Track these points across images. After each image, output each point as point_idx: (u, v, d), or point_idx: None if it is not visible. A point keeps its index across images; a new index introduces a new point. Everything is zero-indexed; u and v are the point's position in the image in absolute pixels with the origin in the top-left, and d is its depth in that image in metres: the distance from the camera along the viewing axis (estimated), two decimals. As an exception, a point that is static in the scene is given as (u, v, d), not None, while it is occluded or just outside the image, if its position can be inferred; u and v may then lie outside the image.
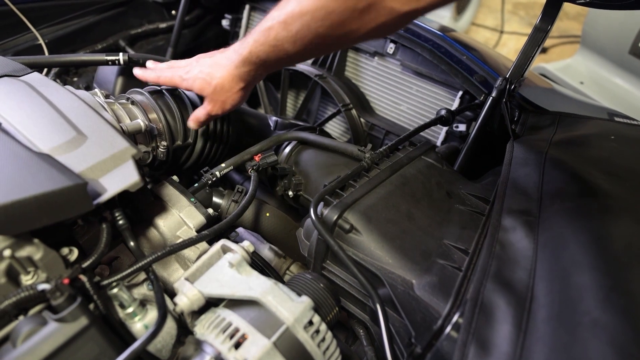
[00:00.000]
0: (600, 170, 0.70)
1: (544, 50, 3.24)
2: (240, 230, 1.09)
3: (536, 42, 0.97)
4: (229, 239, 0.93)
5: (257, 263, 0.87)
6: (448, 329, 0.57)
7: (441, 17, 3.02)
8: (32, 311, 0.58)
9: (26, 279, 0.59)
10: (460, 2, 3.20)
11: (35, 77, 0.89)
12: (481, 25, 3.78)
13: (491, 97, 0.98)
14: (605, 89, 1.91)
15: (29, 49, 1.50)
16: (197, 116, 0.89)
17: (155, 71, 0.91)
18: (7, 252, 0.56)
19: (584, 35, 2.07)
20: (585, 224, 0.60)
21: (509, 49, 3.46)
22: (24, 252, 0.59)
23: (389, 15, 0.61)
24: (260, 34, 0.74)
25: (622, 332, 0.47)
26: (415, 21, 1.24)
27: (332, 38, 0.67)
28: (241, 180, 1.29)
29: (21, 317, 0.58)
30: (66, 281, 0.56)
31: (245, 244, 0.68)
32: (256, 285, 0.60)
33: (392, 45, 1.29)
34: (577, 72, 2.01)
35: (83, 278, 0.60)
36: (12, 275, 0.58)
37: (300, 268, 1.11)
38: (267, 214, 0.92)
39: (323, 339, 0.59)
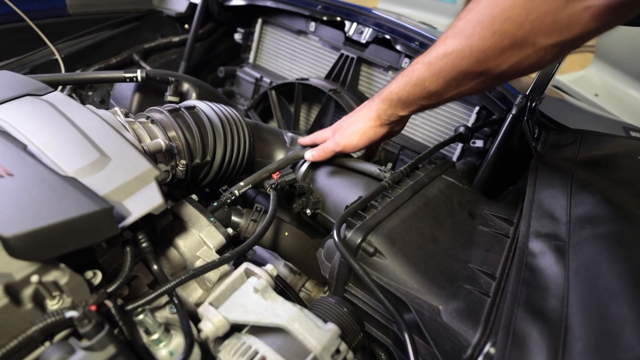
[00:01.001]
0: (631, 194, 0.69)
1: (556, 61, 3.22)
2: (255, 247, 1.08)
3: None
4: (245, 256, 0.92)
5: (277, 285, 0.87)
6: (480, 358, 0.56)
7: (450, 28, 3.01)
8: (57, 337, 0.58)
9: (52, 304, 0.59)
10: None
11: (57, 96, 0.89)
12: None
13: (511, 114, 0.97)
14: (620, 101, 1.90)
15: (46, 64, 1.52)
16: (324, 150, 0.97)
17: (322, 152, 0.98)
18: (34, 278, 0.56)
19: (598, 46, 2.06)
20: (620, 251, 0.59)
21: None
22: (50, 277, 0.58)
23: (531, 49, 0.63)
24: (402, 76, 0.82)
25: None
26: (431, 36, 1.24)
27: (473, 74, 0.70)
28: (254, 194, 1.28)
29: (47, 344, 0.58)
30: (93, 308, 0.56)
31: (269, 267, 0.67)
32: (282, 312, 0.60)
33: (407, 60, 1.29)
34: (591, 84, 2.00)
35: (109, 304, 0.59)
36: (38, 300, 0.58)
37: (316, 285, 1.10)
38: (286, 233, 0.91)
39: (350, 367, 0.59)
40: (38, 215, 0.57)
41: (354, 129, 0.92)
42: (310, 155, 0.98)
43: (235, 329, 0.64)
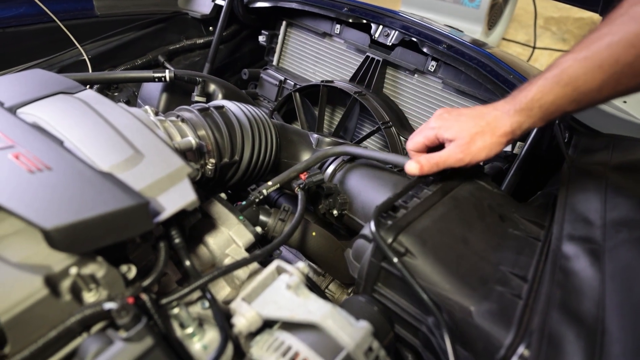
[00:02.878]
0: None
1: (577, 66, 3.18)
2: (282, 248, 1.09)
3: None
4: (271, 256, 0.93)
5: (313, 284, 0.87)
6: (514, 359, 0.55)
7: (473, 32, 3.00)
8: (94, 328, 0.59)
9: (88, 296, 0.60)
10: (491, 17, 3.18)
11: (89, 94, 0.91)
12: (512, 41, 3.75)
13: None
14: (649, 108, 1.86)
15: (74, 64, 1.55)
16: (436, 162, 0.80)
17: (435, 167, 0.81)
18: (73, 270, 0.57)
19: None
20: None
21: (540, 65, 3.42)
22: (88, 270, 0.59)
23: None
24: (544, 79, 0.71)
25: None
26: (460, 39, 1.23)
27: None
28: (277, 195, 1.29)
29: (84, 335, 0.59)
30: (131, 300, 0.57)
31: (300, 265, 0.67)
32: (315, 309, 0.60)
33: (433, 63, 1.29)
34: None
35: (144, 297, 0.60)
36: (76, 292, 0.59)
37: (339, 287, 1.10)
38: (314, 234, 0.91)
39: (383, 366, 0.58)
40: (77, 208, 0.58)
41: (482, 144, 0.76)
42: (415, 167, 0.81)
43: (267, 325, 0.65)
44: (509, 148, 1.11)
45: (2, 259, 0.58)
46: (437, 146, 0.83)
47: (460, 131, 0.77)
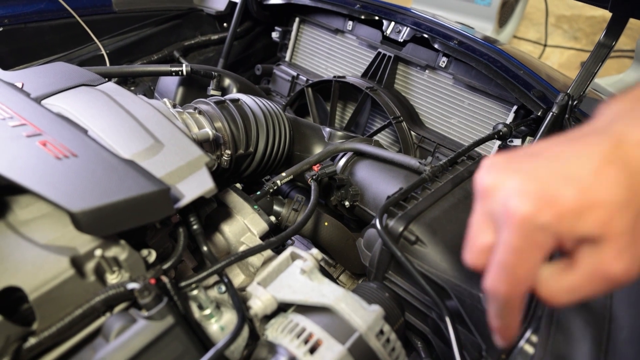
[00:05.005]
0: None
1: (590, 65, 3.17)
2: (295, 237, 1.11)
3: (599, 58, 0.96)
4: (284, 245, 0.95)
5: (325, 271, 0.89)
6: (521, 343, 0.57)
7: (484, 30, 3.00)
8: (117, 308, 0.62)
9: (111, 278, 0.63)
10: (503, 15, 3.18)
11: (110, 87, 0.94)
12: (523, 39, 3.73)
13: (552, 113, 0.97)
14: (660, 106, 1.85)
15: (92, 58, 1.58)
16: (606, 274, 0.36)
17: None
18: (98, 252, 0.60)
19: (638, 49, 2.03)
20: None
21: (552, 63, 3.41)
22: (111, 252, 0.62)
23: None
24: None
25: None
26: (471, 35, 1.24)
27: None
28: (288, 189, 1.31)
29: (108, 314, 0.61)
30: (153, 281, 0.59)
31: (314, 251, 0.69)
32: (329, 292, 0.62)
33: (444, 58, 1.30)
34: (629, 87, 1.96)
35: (165, 279, 0.63)
36: (99, 274, 0.62)
37: (350, 278, 1.12)
38: (326, 224, 0.94)
39: (393, 349, 0.60)
40: (102, 193, 0.61)
41: None
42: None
43: (281, 310, 0.67)
44: (518, 142, 1.12)
45: (30, 241, 0.61)
46: None
47: (616, 213, 0.35)
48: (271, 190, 0.92)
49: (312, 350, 0.57)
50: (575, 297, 0.38)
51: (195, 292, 0.63)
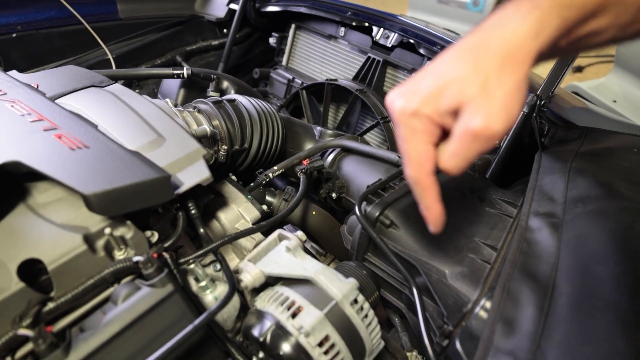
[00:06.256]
0: (621, 179, 0.77)
1: (580, 69, 3.26)
2: (287, 227, 1.19)
3: (566, 60, 1.04)
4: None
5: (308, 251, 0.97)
6: (477, 309, 0.65)
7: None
8: (124, 280, 0.70)
9: (119, 254, 0.71)
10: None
11: (117, 88, 1.03)
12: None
13: (522, 112, 1.06)
14: (637, 107, 1.94)
15: (99, 63, 1.68)
16: (471, 131, 0.45)
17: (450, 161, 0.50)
18: (107, 230, 0.68)
19: (618, 54, 2.11)
20: (605, 224, 0.67)
21: (544, 68, 3.48)
22: (119, 231, 0.71)
23: None
24: None
25: (629, 311, 0.54)
26: (452, 41, 1.33)
27: None
28: (283, 186, 1.40)
29: (116, 285, 0.70)
30: (155, 255, 0.68)
31: (299, 233, 0.78)
32: (310, 267, 0.70)
33: (429, 62, 1.39)
34: (610, 90, 2.05)
35: (166, 255, 0.71)
36: (108, 250, 0.70)
37: (339, 267, 1.20)
38: (314, 213, 1.02)
39: (366, 316, 0.69)
40: (111, 178, 0.69)
41: (508, 87, 0.44)
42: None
43: (269, 284, 0.75)
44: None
45: (48, 221, 0.70)
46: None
47: (463, 86, 0.45)
48: (264, 182, 1.00)
49: (294, 316, 0.65)
50: (460, 160, 0.48)
51: (192, 266, 0.71)
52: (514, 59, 0.44)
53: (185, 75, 1.27)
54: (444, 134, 0.50)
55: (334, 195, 1.06)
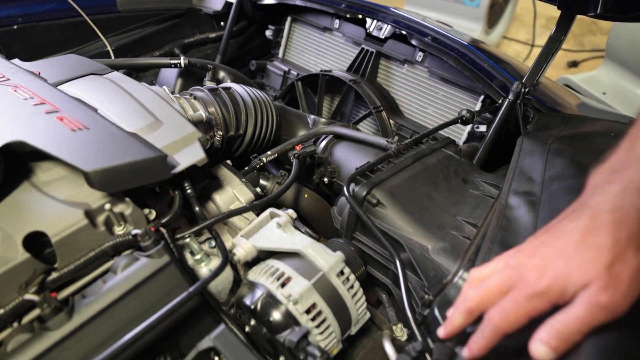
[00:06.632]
0: (595, 159, 0.81)
1: (575, 64, 3.29)
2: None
3: (550, 50, 1.08)
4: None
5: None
6: (455, 279, 0.69)
7: (472, 30, 3.13)
8: (123, 254, 0.74)
9: (118, 230, 0.75)
10: (492, 16, 3.31)
11: (116, 75, 1.07)
12: (513, 39, 3.85)
13: (508, 100, 1.09)
14: (626, 99, 1.98)
15: (99, 54, 1.71)
16: (575, 329, 0.47)
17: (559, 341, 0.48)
18: (107, 206, 0.72)
19: (608, 48, 2.15)
20: (576, 198, 0.71)
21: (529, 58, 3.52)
22: (118, 208, 0.74)
23: None
24: None
25: None
26: (444, 32, 1.37)
27: None
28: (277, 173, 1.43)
29: (116, 258, 0.74)
30: (152, 229, 0.72)
31: (290, 211, 0.82)
32: (299, 241, 0.74)
33: (420, 53, 1.42)
34: (600, 83, 2.09)
35: (163, 230, 0.75)
36: (109, 226, 0.74)
37: (332, 251, 1.24)
38: (306, 195, 1.06)
39: (352, 286, 0.73)
40: (111, 157, 0.73)
41: (628, 269, 0.47)
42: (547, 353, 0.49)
43: (261, 259, 0.79)
44: (484, 128, 1.25)
45: (51, 197, 0.74)
46: None
47: (586, 272, 0.47)
48: (258, 166, 1.04)
49: (283, 285, 0.69)
50: (582, 326, 0.47)
51: (187, 240, 0.75)
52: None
53: (182, 65, 1.30)
54: None
55: (325, 179, 1.10)
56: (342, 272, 0.72)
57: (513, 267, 0.53)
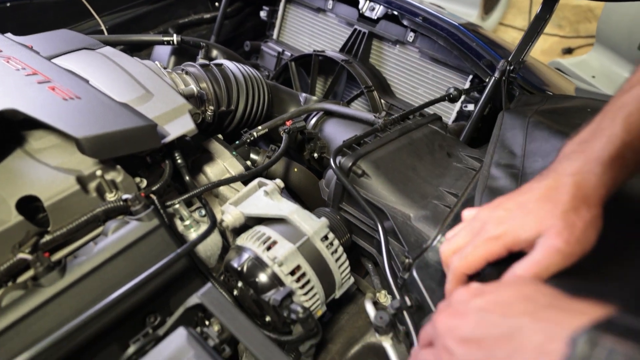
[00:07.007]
0: (572, 131, 0.83)
1: (570, 51, 3.31)
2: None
3: (535, 29, 1.10)
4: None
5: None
6: (434, 243, 0.72)
7: (468, 16, 3.13)
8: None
9: (110, 197, 0.77)
10: (488, 2, 3.31)
11: (108, 50, 1.08)
12: (509, 26, 3.86)
13: (494, 77, 1.12)
14: (614, 83, 2.00)
15: (92, 34, 1.70)
16: (534, 272, 0.52)
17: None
18: (98, 172, 0.74)
19: (598, 32, 2.16)
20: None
21: (535, 49, 3.52)
22: (110, 175, 0.77)
23: None
24: (629, 114, 0.54)
25: None
26: (434, 12, 1.38)
27: None
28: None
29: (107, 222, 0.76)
30: (142, 194, 0.74)
31: (277, 180, 0.84)
32: (285, 207, 0.77)
33: (412, 34, 1.44)
34: (589, 67, 2.11)
35: (153, 196, 0.77)
36: (100, 192, 0.76)
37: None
38: (295, 170, 1.08)
39: (336, 251, 0.75)
40: (102, 125, 0.75)
41: (583, 223, 0.52)
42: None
43: (249, 227, 0.82)
44: (472, 107, 1.27)
45: (44, 164, 0.76)
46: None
47: (542, 220, 0.52)
48: (248, 140, 1.06)
49: (269, 249, 0.72)
50: (539, 268, 0.52)
51: (177, 205, 0.77)
52: (597, 214, 0.52)
53: (175, 42, 1.32)
54: None
55: (315, 155, 1.12)
56: (326, 237, 0.75)
57: (477, 219, 0.60)
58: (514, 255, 0.54)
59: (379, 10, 1.52)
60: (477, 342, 0.44)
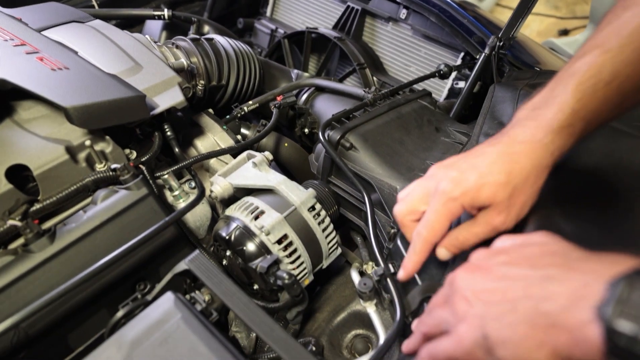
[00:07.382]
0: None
1: (566, 33, 3.29)
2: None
3: (525, 4, 1.10)
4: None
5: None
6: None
7: (464, -5, 3.10)
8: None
9: (99, 167, 0.78)
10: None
11: (98, 23, 1.07)
12: (507, 7, 3.83)
13: (484, 53, 1.12)
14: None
15: (83, 7, 1.69)
16: (472, 242, 0.59)
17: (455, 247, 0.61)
18: (87, 142, 0.75)
19: (592, 12, 2.15)
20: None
21: (531, 30, 3.52)
22: (99, 146, 0.77)
23: None
24: (576, 84, 0.55)
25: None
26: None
27: None
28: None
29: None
30: (131, 164, 0.75)
31: (266, 152, 0.85)
32: (272, 178, 0.78)
33: (404, 10, 1.43)
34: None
35: (142, 167, 0.78)
36: (90, 163, 0.77)
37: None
38: (285, 144, 1.09)
39: (323, 221, 0.77)
40: (90, 95, 0.75)
41: (525, 194, 0.56)
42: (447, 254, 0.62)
43: (238, 199, 0.83)
44: (463, 84, 1.27)
45: (33, 134, 0.76)
46: None
47: (494, 189, 0.55)
48: (239, 115, 1.06)
49: (257, 218, 0.73)
50: (476, 239, 0.59)
51: (166, 176, 0.78)
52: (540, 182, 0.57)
53: (166, 17, 1.31)
54: None
55: (306, 130, 1.13)
56: (313, 208, 0.76)
57: (431, 176, 0.61)
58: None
59: (372, -14, 1.51)
60: (502, 292, 0.44)
